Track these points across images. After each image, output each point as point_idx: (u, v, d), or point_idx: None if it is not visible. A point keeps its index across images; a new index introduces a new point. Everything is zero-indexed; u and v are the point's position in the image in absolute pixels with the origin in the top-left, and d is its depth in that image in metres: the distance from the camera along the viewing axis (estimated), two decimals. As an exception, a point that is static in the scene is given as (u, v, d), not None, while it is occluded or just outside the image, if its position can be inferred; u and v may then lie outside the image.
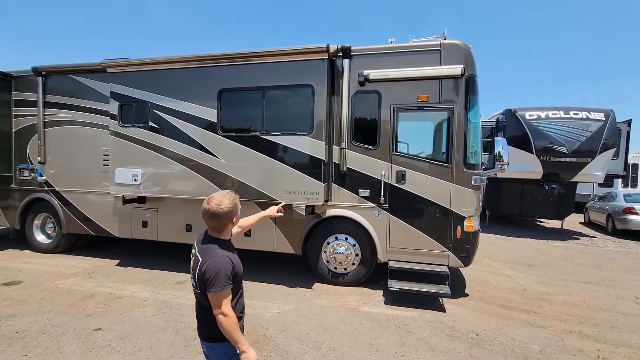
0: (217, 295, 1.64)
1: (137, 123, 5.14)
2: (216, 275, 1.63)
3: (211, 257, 1.69)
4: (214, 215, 1.74)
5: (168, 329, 3.48)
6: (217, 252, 1.72)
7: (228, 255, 1.75)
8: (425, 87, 4.44)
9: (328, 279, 4.86)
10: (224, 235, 1.83)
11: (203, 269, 1.66)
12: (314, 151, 4.47)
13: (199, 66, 4.91)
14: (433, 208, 4.44)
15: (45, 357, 2.92)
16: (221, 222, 1.76)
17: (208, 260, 1.68)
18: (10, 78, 6.12)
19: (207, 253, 1.73)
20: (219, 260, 1.69)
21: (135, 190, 5.16)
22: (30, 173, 6.13)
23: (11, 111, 6.17)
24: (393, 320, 3.76)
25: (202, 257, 1.72)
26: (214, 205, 1.74)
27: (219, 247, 1.76)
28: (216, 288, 1.62)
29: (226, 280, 1.65)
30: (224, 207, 1.75)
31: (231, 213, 1.78)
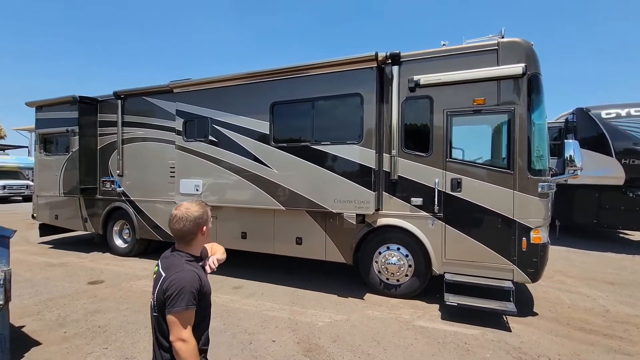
0: (178, 316, 1.41)
1: (199, 137, 5.57)
2: (179, 292, 1.42)
3: (176, 272, 1.49)
4: (181, 221, 1.57)
5: (226, 331, 3.66)
6: (184, 267, 1.53)
7: (196, 271, 1.55)
8: (481, 90, 4.20)
9: (380, 290, 4.75)
10: (193, 249, 1.65)
11: (165, 285, 1.46)
12: (364, 159, 4.45)
13: (253, 82, 5.20)
14: (493, 218, 4.13)
15: (122, 351, 3.24)
16: (189, 230, 1.58)
17: (172, 275, 1.48)
18: (96, 102, 7.04)
19: (171, 268, 1.53)
20: (185, 276, 1.48)
21: (196, 199, 5.57)
22: (111, 185, 6.94)
23: (97, 131, 7.08)
24: (451, 337, 3.54)
25: (166, 273, 1.52)
26: (182, 210, 1.60)
27: (186, 262, 1.57)
28: (178, 308, 1.41)
29: (191, 299, 1.44)
30: (194, 212, 1.60)
31: (200, 219, 1.61)
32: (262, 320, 3.93)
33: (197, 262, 1.65)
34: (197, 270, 1.56)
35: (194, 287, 1.48)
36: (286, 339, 3.49)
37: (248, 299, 4.62)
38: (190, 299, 1.44)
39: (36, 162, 7.97)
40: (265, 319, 3.98)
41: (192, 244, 1.63)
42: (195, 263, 1.62)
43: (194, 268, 1.56)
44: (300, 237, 5.14)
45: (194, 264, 1.61)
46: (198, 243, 1.67)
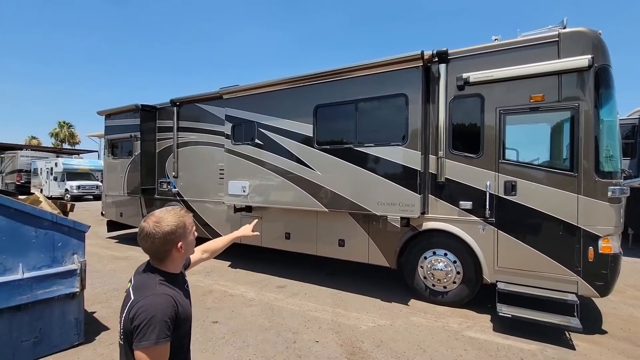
0: (147, 352, 1.15)
1: (246, 140, 5.82)
2: (149, 322, 1.17)
3: (146, 296, 1.24)
4: (149, 237, 1.29)
5: (271, 329, 3.77)
6: (156, 289, 1.26)
7: (171, 295, 1.28)
8: (539, 85, 3.89)
9: (425, 297, 4.58)
10: (169, 267, 1.36)
11: (133, 313, 1.20)
12: (409, 161, 4.33)
13: (297, 86, 5.31)
14: (554, 224, 3.80)
15: (177, 341, 3.47)
16: (159, 246, 1.30)
17: (141, 300, 1.23)
18: (155, 110, 7.66)
19: (142, 289, 1.27)
20: (157, 302, 1.22)
21: (243, 200, 5.82)
22: (167, 185, 7.50)
23: (155, 136, 7.70)
24: (505, 351, 3.31)
25: (135, 295, 1.27)
26: (150, 223, 1.30)
27: (160, 283, 1.30)
28: (147, 342, 1.15)
29: (164, 331, 1.18)
30: (164, 227, 1.29)
31: (174, 235, 1.31)
32: (306, 320, 3.99)
33: (174, 282, 1.37)
34: (172, 293, 1.28)
35: (167, 315, 1.21)
36: (329, 341, 3.50)
37: (292, 298, 4.72)
38: (162, 330, 1.17)
39: (105, 165, 8.88)
40: (308, 319, 4.04)
41: (166, 261, 1.35)
42: (170, 285, 1.33)
43: (169, 290, 1.28)
44: (343, 239, 5.14)
45: (169, 285, 1.32)
46: (174, 261, 1.37)
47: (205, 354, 3.22)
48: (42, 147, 33.93)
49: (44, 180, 21.53)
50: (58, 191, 20.29)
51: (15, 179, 22.52)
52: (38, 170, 22.22)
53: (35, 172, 22.48)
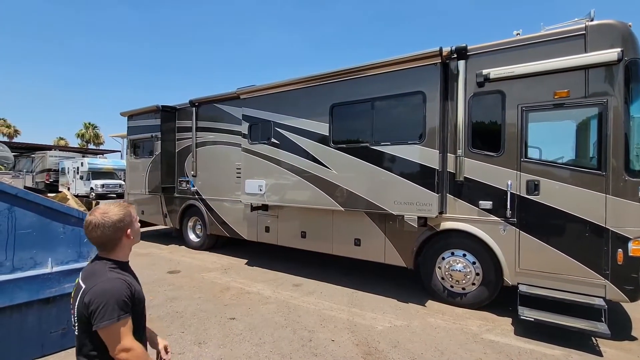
0: (112, 329, 1.23)
1: (262, 140, 5.87)
2: (107, 304, 1.23)
3: (98, 282, 1.29)
4: (98, 228, 1.34)
5: (287, 327, 3.79)
6: (108, 275, 1.32)
7: (123, 278, 1.35)
8: (564, 81, 3.75)
9: (443, 298, 4.50)
10: (119, 255, 1.44)
11: (87, 299, 1.25)
12: (427, 160, 4.26)
13: (312, 85, 5.31)
14: (579, 225, 3.65)
15: (196, 336, 3.55)
16: (110, 234, 1.37)
17: (93, 287, 1.28)
18: (175, 110, 7.85)
19: (92, 278, 1.32)
20: (110, 285, 1.29)
21: (260, 199, 5.88)
22: (186, 184, 7.67)
23: (175, 136, 7.88)
24: (526, 356, 3.21)
25: (86, 284, 1.31)
26: (97, 215, 1.37)
27: (110, 269, 1.36)
28: (108, 321, 1.22)
29: (122, 308, 1.26)
30: (112, 216, 1.37)
31: (122, 222, 1.40)
32: (322, 319, 4.00)
33: (125, 269, 1.45)
34: (124, 277, 1.36)
35: (123, 294, 1.29)
36: (345, 340, 3.50)
37: (307, 297, 4.74)
38: (121, 308, 1.26)
39: (127, 164, 9.17)
40: (324, 317, 4.04)
41: (116, 249, 1.42)
42: (121, 270, 1.41)
43: (120, 275, 1.35)
44: (359, 238, 5.11)
45: (119, 271, 1.39)
46: (124, 248, 1.45)
47: (223, 350, 3.27)
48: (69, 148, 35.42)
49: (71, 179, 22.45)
50: (84, 189, 21.11)
51: (45, 178, 23.57)
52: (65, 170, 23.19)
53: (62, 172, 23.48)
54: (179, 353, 3.20)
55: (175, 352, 3.22)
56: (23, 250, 3.03)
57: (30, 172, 23.82)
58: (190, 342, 3.41)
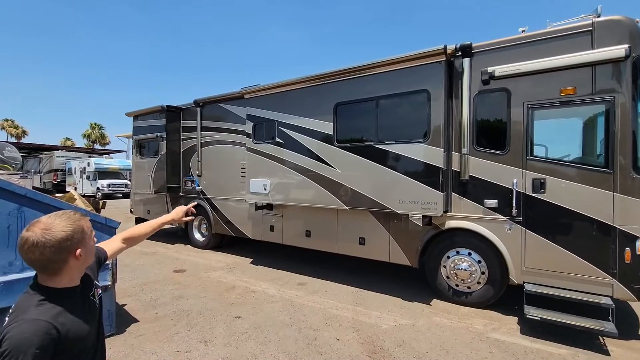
0: None
1: (267, 139, 5.89)
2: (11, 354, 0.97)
3: (15, 322, 1.03)
4: (37, 247, 1.06)
5: (292, 325, 3.81)
6: (29, 314, 1.05)
7: (48, 319, 1.05)
8: (571, 78, 3.71)
9: (448, 297, 4.49)
10: (62, 281, 1.14)
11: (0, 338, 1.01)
12: (431, 159, 4.25)
13: (316, 84, 5.31)
14: (586, 224, 3.62)
15: (202, 334, 3.58)
16: (51, 257, 1.08)
17: (9, 326, 1.03)
18: (179, 110, 7.90)
19: (16, 312, 1.07)
20: (24, 329, 1.01)
21: (264, 198, 5.90)
22: (191, 184, 7.72)
23: (180, 136, 7.93)
24: (533, 355, 3.20)
25: (9, 318, 1.06)
26: (37, 231, 1.07)
27: (38, 304, 1.08)
28: None
29: None
30: (56, 234, 1.09)
31: (69, 241, 1.11)
32: (326, 318, 4.01)
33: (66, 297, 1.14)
34: (51, 316, 1.06)
35: (35, 344, 1.00)
36: (350, 339, 3.50)
37: (312, 295, 4.75)
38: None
39: (133, 164, 9.26)
40: (329, 316, 4.05)
41: (59, 274, 1.13)
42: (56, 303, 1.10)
43: (48, 313, 1.07)
44: (364, 237, 5.11)
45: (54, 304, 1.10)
46: (70, 271, 1.15)
47: (229, 348, 3.30)
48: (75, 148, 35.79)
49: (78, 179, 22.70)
50: (90, 189, 21.34)
51: (52, 178, 23.87)
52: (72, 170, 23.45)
53: (69, 172, 23.75)
54: (186, 351, 3.23)
55: (182, 350, 3.25)
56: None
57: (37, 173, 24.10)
58: (197, 341, 3.44)
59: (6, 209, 2.96)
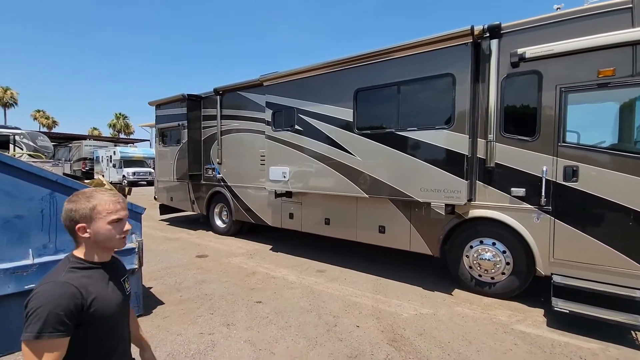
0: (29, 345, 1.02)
1: (286, 127, 5.87)
2: (35, 312, 1.02)
3: (45, 283, 1.11)
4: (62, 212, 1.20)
5: (312, 311, 3.85)
6: (60, 277, 1.13)
7: (76, 285, 1.11)
8: (609, 58, 3.46)
9: (471, 287, 4.40)
10: (82, 252, 1.23)
11: (28, 299, 1.07)
12: (455, 146, 4.11)
13: (336, 70, 5.21)
14: (622, 214, 3.42)
15: (224, 318, 3.68)
16: (64, 223, 1.20)
17: (39, 286, 1.10)
18: (200, 99, 7.98)
19: (49, 274, 1.16)
20: (52, 290, 1.07)
21: (283, 185, 5.92)
22: (212, 172, 7.85)
23: (201, 124, 8.04)
24: (560, 348, 3.10)
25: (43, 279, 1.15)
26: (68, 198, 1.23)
27: (70, 270, 1.17)
28: (28, 334, 1.01)
29: (53, 325, 1.02)
30: (69, 203, 1.20)
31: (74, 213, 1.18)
32: (346, 305, 4.02)
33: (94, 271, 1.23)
34: (80, 283, 1.13)
35: (61, 306, 1.04)
36: (370, 326, 3.51)
37: (332, 282, 4.77)
38: (50, 324, 1.02)
39: (156, 152, 9.49)
40: (348, 304, 4.07)
41: (78, 245, 1.23)
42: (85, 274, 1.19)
43: (76, 279, 1.13)
44: (384, 225, 5.06)
45: (83, 273, 1.18)
46: (85, 245, 1.22)
47: (251, 332, 3.37)
48: (102, 137, 37.14)
49: (105, 167, 23.61)
50: (117, 177, 22.16)
51: (82, 166, 24.94)
52: (100, 158, 24.39)
53: (97, 160, 24.72)
54: (209, 333, 3.33)
55: (205, 332, 3.36)
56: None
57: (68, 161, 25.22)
58: (220, 324, 3.54)
59: (39, 194, 3.09)
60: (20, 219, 3.00)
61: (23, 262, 2.96)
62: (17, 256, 2.95)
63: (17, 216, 2.98)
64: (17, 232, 2.98)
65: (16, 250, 2.96)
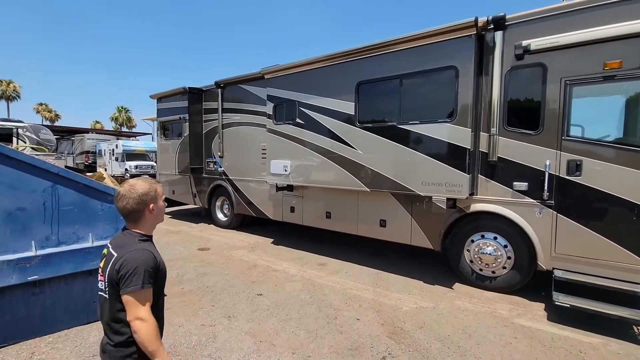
0: (134, 295, 1.35)
1: (287, 120, 5.84)
2: (134, 271, 1.37)
3: (129, 251, 1.43)
4: (124, 198, 1.47)
5: (312, 304, 3.86)
6: (137, 246, 1.46)
7: (150, 250, 1.48)
8: (616, 50, 3.40)
9: (471, 281, 4.40)
10: (144, 229, 1.55)
11: (118, 265, 1.39)
12: (458, 139, 4.07)
13: (338, 62, 5.16)
14: (626, 208, 3.39)
15: (226, 310, 3.70)
16: (133, 207, 1.48)
17: (125, 255, 1.41)
18: (201, 92, 7.95)
19: (123, 247, 1.45)
20: (139, 255, 1.42)
21: (284, 179, 5.92)
22: (214, 165, 7.85)
23: (202, 117, 8.02)
24: (561, 342, 3.10)
25: (118, 252, 1.45)
26: (126, 187, 1.51)
27: (139, 241, 1.49)
28: (134, 287, 1.35)
29: (147, 278, 1.38)
30: (137, 189, 1.49)
31: (146, 197, 1.50)
32: (347, 298, 4.04)
33: (151, 242, 1.57)
34: (152, 250, 1.48)
35: (150, 265, 1.42)
36: (370, 319, 3.52)
37: (332, 276, 4.79)
38: (146, 278, 1.38)
39: (158, 146, 9.50)
40: (349, 297, 4.08)
41: (139, 222, 1.53)
42: (150, 243, 1.55)
43: (148, 247, 1.47)
44: (385, 219, 5.05)
45: (148, 243, 1.52)
46: (147, 222, 1.55)
47: (252, 324, 3.40)
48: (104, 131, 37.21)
49: (107, 160, 23.68)
50: (119, 170, 22.23)
51: (84, 160, 25.01)
52: (102, 152, 24.45)
53: (100, 153, 24.79)
54: (210, 325, 3.36)
55: (207, 324, 3.38)
56: (66, 226, 3.24)
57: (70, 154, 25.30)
58: (221, 315, 3.56)
59: (42, 186, 3.10)
60: (22, 211, 3.01)
61: (26, 254, 2.98)
62: (20, 248, 2.98)
63: (20, 208, 3.00)
64: (20, 224, 3.00)
65: (19, 242, 2.98)
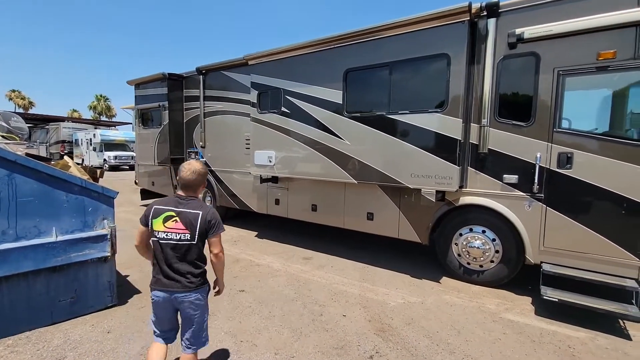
0: (220, 236, 2.07)
1: (272, 109, 5.59)
2: (219, 220, 2.06)
3: (209, 209, 2.06)
4: (194, 173, 2.04)
5: (297, 300, 3.70)
6: (208, 206, 2.12)
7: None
8: (610, 40, 3.32)
9: (459, 275, 4.33)
10: (197, 196, 2.13)
11: (208, 218, 2.01)
12: (448, 130, 3.94)
13: (325, 48, 4.93)
14: (616, 202, 3.34)
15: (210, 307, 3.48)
16: (200, 181, 2.09)
17: (209, 211, 2.04)
18: (182, 78, 7.56)
19: (200, 206, 2.04)
20: (215, 211, 2.10)
21: (269, 170, 5.69)
22: (195, 156, 7.52)
23: (183, 105, 7.65)
24: (549, 337, 3.05)
25: (200, 210, 2.02)
26: (194, 165, 2.07)
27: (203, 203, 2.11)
28: (221, 230, 2.05)
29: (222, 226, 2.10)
30: (203, 169, 2.12)
31: (206, 176, 2.18)
32: (333, 294, 3.89)
33: None
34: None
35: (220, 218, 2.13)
36: (357, 315, 3.39)
37: (318, 270, 4.64)
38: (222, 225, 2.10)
39: (136, 135, 9.06)
40: (335, 292, 3.94)
41: (197, 191, 2.11)
42: None
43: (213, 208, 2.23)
44: (372, 212, 4.92)
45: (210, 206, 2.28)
46: (200, 191, 2.16)
47: (232, 322, 3.21)
48: (82, 120, 35.69)
49: (84, 150, 22.74)
50: (97, 161, 21.39)
51: (60, 149, 23.94)
52: (79, 141, 23.47)
53: (76, 143, 23.78)
54: (188, 324, 3.14)
55: (184, 323, 3.16)
56: (26, 219, 2.94)
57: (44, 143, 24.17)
58: (199, 314, 3.35)
59: (-5, 175, 2.79)
60: (-27, 202, 2.71)
61: (-23, 250, 2.69)
62: (-29, 243, 2.68)
63: (-30, 199, 2.69)
64: (-29, 217, 2.69)
65: (-30, 237, 2.68)
